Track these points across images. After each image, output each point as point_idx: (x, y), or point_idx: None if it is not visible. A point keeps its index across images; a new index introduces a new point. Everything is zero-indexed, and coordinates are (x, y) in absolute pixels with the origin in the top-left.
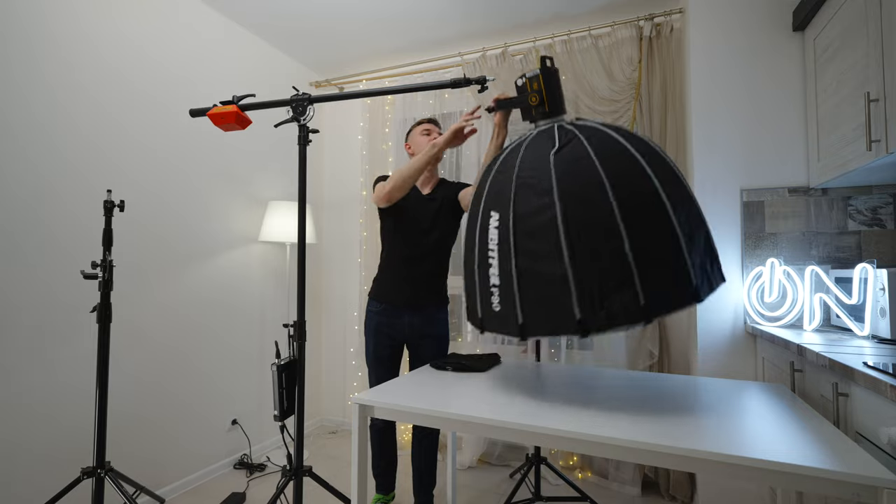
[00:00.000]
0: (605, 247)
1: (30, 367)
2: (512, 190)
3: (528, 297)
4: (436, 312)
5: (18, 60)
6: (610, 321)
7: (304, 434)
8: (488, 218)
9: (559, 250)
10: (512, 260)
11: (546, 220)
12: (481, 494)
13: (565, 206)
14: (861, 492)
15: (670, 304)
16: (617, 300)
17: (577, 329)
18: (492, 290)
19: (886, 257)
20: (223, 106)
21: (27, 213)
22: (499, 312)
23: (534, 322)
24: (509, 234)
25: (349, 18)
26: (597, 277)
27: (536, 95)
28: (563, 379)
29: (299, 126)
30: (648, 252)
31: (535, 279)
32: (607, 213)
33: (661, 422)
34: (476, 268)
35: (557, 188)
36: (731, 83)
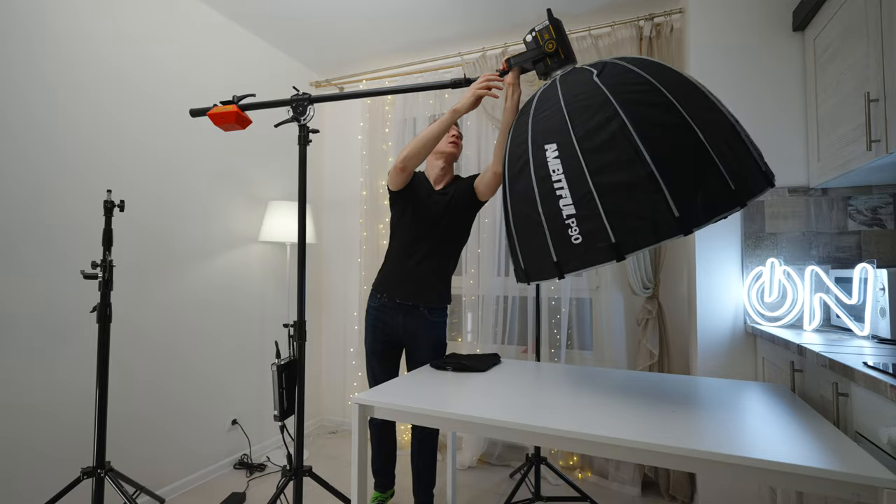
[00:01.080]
0: (683, 140)
1: (30, 367)
2: (565, 118)
3: (619, 211)
4: (430, 315)
5: (18, 60)
6: (708, 211)
7: (304, 434)
8: (543, 152)
9: (639, 154)
10: (588, 180)
11: (615, 130)
12: (481, 494)
13: (630, 112)
14: (861, 492)
15: (754, 189)
16: (710, 188)
17: (679, 227)
18: (567, 222)
19: (886, 257)
20: (223, 106)
21: (27, 212)
22: (581, 243)
23: (629, 235)
24: (578, 156)
25: (349, 18)
26: (683, 170)
27: (553, 42)
28: (563, 379)
29: (299, 126)
30: (722, 142)
31: (620, 190)
32: (672, 110)
33: (661, 422)
34: (538, 212)
35: (615, 99)
36: (731, 83)
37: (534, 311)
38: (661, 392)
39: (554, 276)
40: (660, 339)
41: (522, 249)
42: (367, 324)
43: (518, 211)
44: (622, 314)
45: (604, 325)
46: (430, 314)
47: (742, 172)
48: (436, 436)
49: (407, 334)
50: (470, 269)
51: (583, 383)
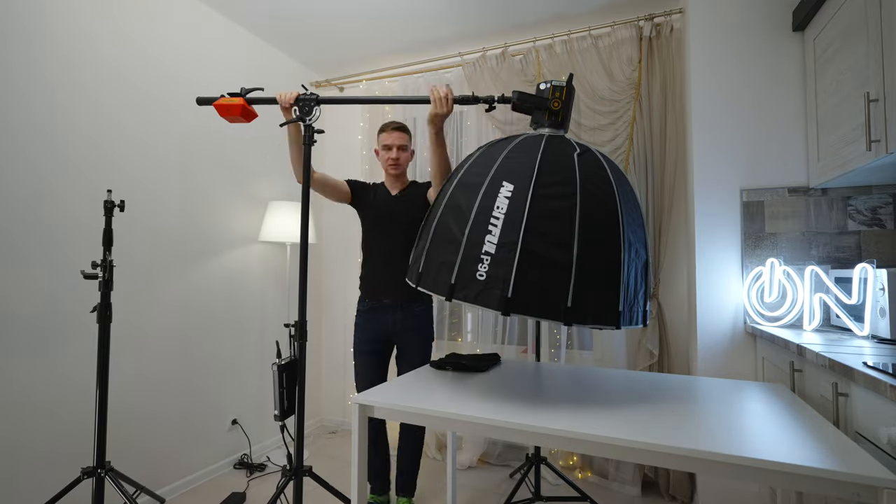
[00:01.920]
0: (607, 252)
1: (30, 368)
2: (533, 170)
3: (526, 275)
4: (416, 308)
5: (19, 59)
6: (592, 319)
7: (304, 434)
8: (498, 186)
9: (571, 241)
10: (520, 233)
11: (566, 208)
12: (481, 494)
13: (585, 204)
14: (861, 492)
15: (633, 321)
16: (603, 303)
17: (563, 317)
18: (482, 257)
19: (886, 257)
20: (230, 98)
21: (27, 212)
22: (483, 281)
23: (523, 300)
24: (524, 209)
25: (349, 18)
26: (594, 277)
27: (559, 102)
28: (563, 379)
29: (304, 126)
30: (632, 273)
31: (539, 260)
32: (615, 224)
33: (661, 422)
34: (463, 232)
35: (581, 186)
36: (731, 83)
37: None
38: (661, 392)
39: (443, 294)
40: (660, 339)
41: (429, 255)
42: (356, 327)
43: (445, 221)
44: None
45: None
46: (414, 307)
47: (633, 304)
48: (422, 432)
49: (395, 331)
50: None
51: (583, 383)
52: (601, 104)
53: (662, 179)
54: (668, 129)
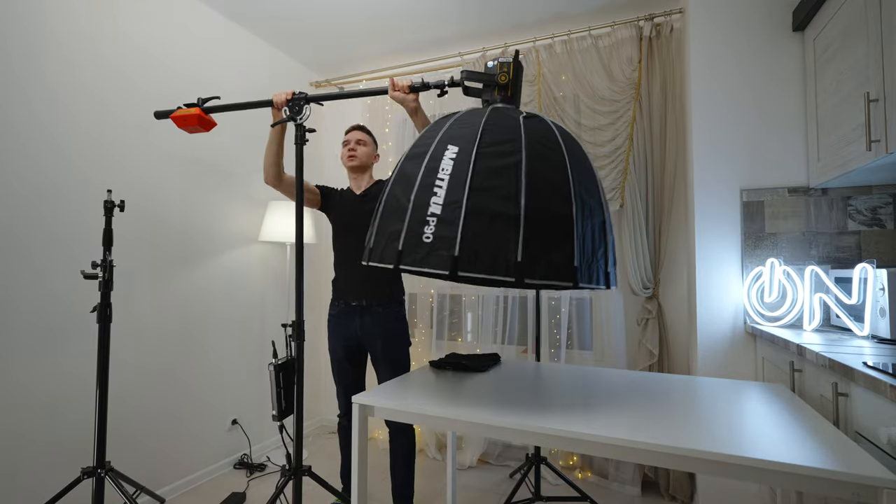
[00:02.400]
0: (557, 206)
1: (30, 368)
2: (478, 132)
3: (473, 231)
4: (385, 311)
5: (19, 58)
6: (545, 273)
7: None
8: (443, 150)
9: (518, 194)
10: (465, 191)
11: (511, 164)
12: (481, 494)
13: (530, 160)
14: (861, 492)
15: (592, 279)
16: (557, 257)
17: (514, 271)
18: (427, 219)
19: (886, 257)
20: (186, 108)
21: (28, 212)
22: (429, 244)
23: (470, 257)
24: (469, 167)
25: (349, 18)
26: (544, 229)
27: (506, 76)
28: (563, 379)
29: (296, 126)
30: (588, 229)
31: (485, 215)
32: (564, 180)
33: (661, 422)
34: (408, 198)
35: (525, 142)
36: (731, 83)
37: (534, 311)
38: (661, 392)
39: (390, 263)
40: (660, 339)
41: (379, 229)
42: (328, 331)
43: (393, 192)
44: (622, 314)
45: (604, 325)
46: (385, 309)
47: (591, 261)
48: (411, 432)
49: (366, 334)
50: None
51: (583, 383)
52: (601, 104)
53: (662, 179)
54: (668, 129)
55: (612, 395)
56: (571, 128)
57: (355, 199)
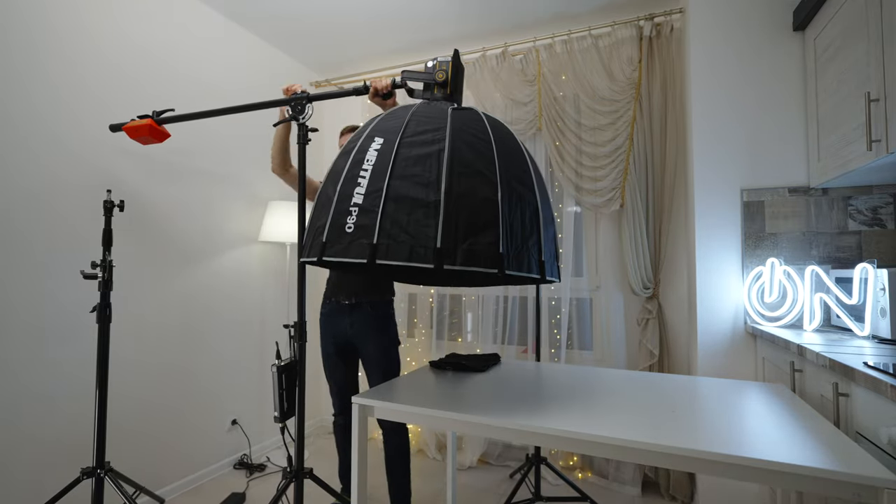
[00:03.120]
0: (480, 192)
1: (29, 367)
2: (404, 123)
3: (391, 218)
4: (374, 310)
5: (20, 56)
6: (467, 259)
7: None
8: (370, 142)
9: (438, 181)
10: (386, 180)
11: (434, 151)
12: (481, 494)
13: (453, 146)
14: (861, 492)
15: (519, 267)
16: (480, 242)
17: (433, 258)
18: (350, 209)
19: (886, 257)
20: (138, 120)
21: (28, 212)
22: (351, 233)
23: (389, 244)
24: (391, 157)
25: (349, 18)
26: (466, 215)
27: (444, 74)
28: (563, 379)
29: (298, 125)
30: (517, 215)
31: (405, 202)
32: (489, 165)
33: (661, 422)
34: (334, 192)
35: (451, 130)
36: (732, 83)
37: (534, 311)
38: (661, 392)
39: (315, 256)
40: (660, 339)
41: (310, 225)
42: (320, 329)
43: (324, 189)
44: (622, 314)
45: (604, 325)
46: (374, 309)
47: (521, 250)
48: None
49: (355, 334)
50: None
51: (583, 383)
52: (601, 104)
53: (662, 179)
54: (668, 129)
55: (612, 395)
56: (572, 127)
57: None
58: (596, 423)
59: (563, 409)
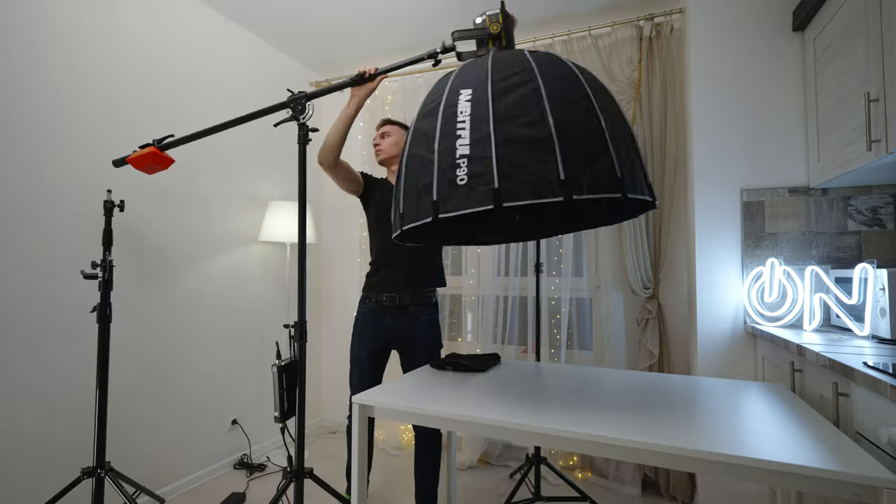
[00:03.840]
0: (586, 122)
1: (29, 367)
2: (487, 71)
3: (507, 160)
4: (421, 314)
5: (20, 56)
6: (593, 186)
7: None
8: (457, 95)
9: (544, 117)
10: (490, 124)
11: (529, 91)
12: (481, 494)
13: (546, 83)
14: (861, 492)
15: (638, 190)
16: (598, 168)
17: (561, 190)
18: (458, 161)
19: (886, 257)
20: (140, 150)
21: (28, 212)
22: (465, 185)
23: (512, 186)
24: (488, 102)
25: (349, 19)
26: (579, 144)
27: (498, 25)
28: (563, 379)
29: (299, 125)
30: (620, 141)
31: (516, 142)
32: (585, 97)
33: (661, 422)
34: (432, 150)
35: (537, 69)
36: (731, 83)
37: (534, 311)
38: (661, 392)
39: (427, 217)
40: (660, 339)
41: (406, 193)
42: (355, 331)
43: (413, 153)
44: (622, 314)
45: (604, 325)
46: (421, 313)
47: (632, 172)
48: (438, 436)
49: (396, 337)
50: (470, 269)
51: (583, 383)
52: None
53: (662, 179)
54: (668, 129)
55: (611, 395)
56: None
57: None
58: (596, 423)
59: (563, 409)
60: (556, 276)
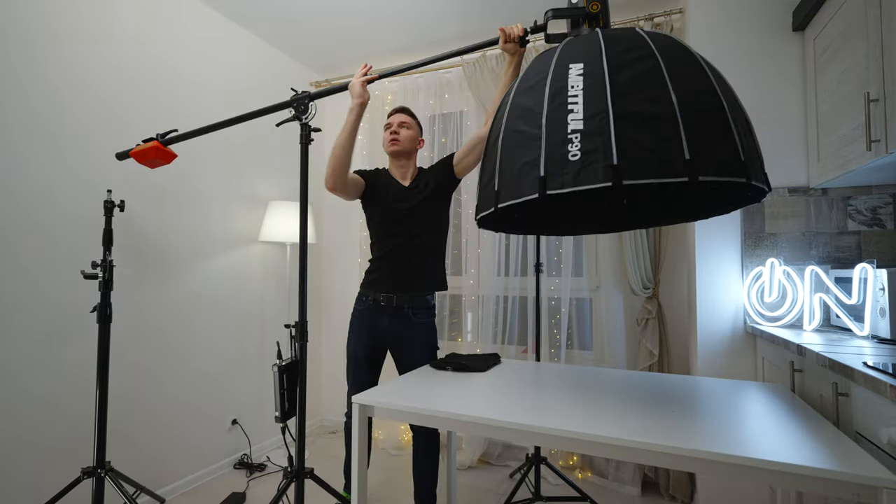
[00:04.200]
0: (709, 103)
1: (30, 367)
2: (599, 46)
3: (627, 136)
4: (416, 316)
5: (20, 56)
6: (719, 168)
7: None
8: (566, 70)
9: (665, 93)
10: (608, 99)
11: (650, 67)
12: (481, 494)
13: (666, 61)
14: (861, 492)
15: (758, 177)
16: (723, 151)
17: (687, 170)
18: (569, 136)
19: (886, 257)
20: (144, 144)
21: (28, 211)
22: (578, 160)
23: (634, 163)
24: (604, 77)
25: (349, 19)
26: (703, 124)
27: (598, 4)
28: (563, 379)
29: (301, 125)
30: (741, 125)
31: (637, 119)
32: (705, 78)
33: (661, 422)
34: (538, 125)
35: (655, 46)
36: (732, 83)
37: (534, 311)
38: (661, 392)
39: (532, 193)
40: (660, 339)
41: (502, 168)
42: (351, 328)
43: (512, 126)
44: (622, 314)
45: (604, 325)
46: (416, 315)
47: (752, 157)
48: (436, 436)
49: (392, 337)
50: (470, 269)
51: (583, 383)
52: None
53: None
54: None
55: (612, 395)
56: None
57: (403, 190)
58: (596, 423)
59: (563, 409)
60: (556, 276)
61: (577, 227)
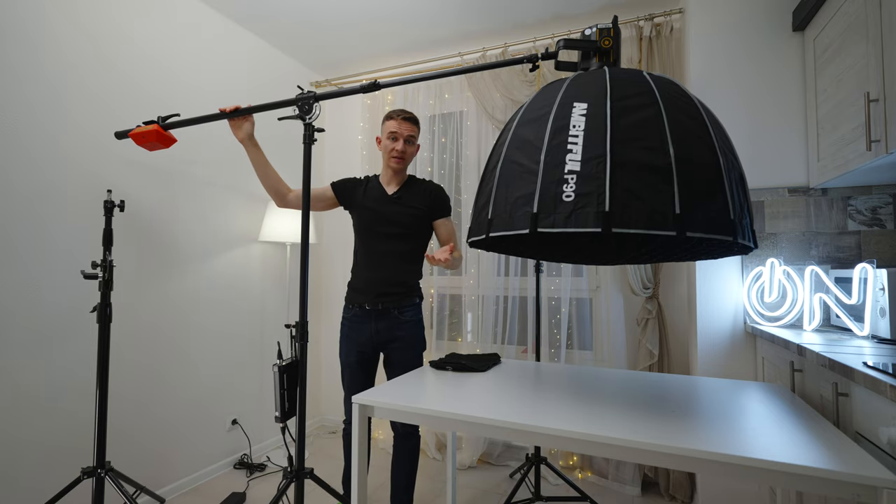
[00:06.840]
0: (705, 157)
1: (30, 367)
2: (605, 87)
3: (621, 184)
4: (402, 315)
5: (19, 58)
6: (707, 225)
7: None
8: (570, 108)
9: (664, 144)
10: (606, 144)
11: (651, 115)
12: (481, 494)
13: (669, 110)
14: (861, 492)
15: (745, 235)
16: (713, 208)
17: (675, 225)
18: (565, 177)
19: (886, 257)
20: (144, 126)
21: (28, 212)
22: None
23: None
24: (606, 120)
25: (349, 18)
26: (697, 178)
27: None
28: (563, 379)
29: (304, 125)
30: (734, 181)
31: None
32: (704, 130)
33: (661, 422)
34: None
35: (659, 93)
36: (731, 83)
37: (534, 311)
38: (661, 392)
39: (523, 228)
40: (660, 339)
41: (497, 197)
42: (342, 335)
43: (510, 157)
44: (622, 314)
45: (604, 325)
46: (402, 314)
47: (741, 216)
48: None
49: (381, 339)
50: (470, 269)
51: (583, 383)
52: None
53: None
54: None
55: (612, 395)
56: None
57: (386, 200)
58: (596, 423)
59: (563, 409)
60: (556, 276)
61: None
